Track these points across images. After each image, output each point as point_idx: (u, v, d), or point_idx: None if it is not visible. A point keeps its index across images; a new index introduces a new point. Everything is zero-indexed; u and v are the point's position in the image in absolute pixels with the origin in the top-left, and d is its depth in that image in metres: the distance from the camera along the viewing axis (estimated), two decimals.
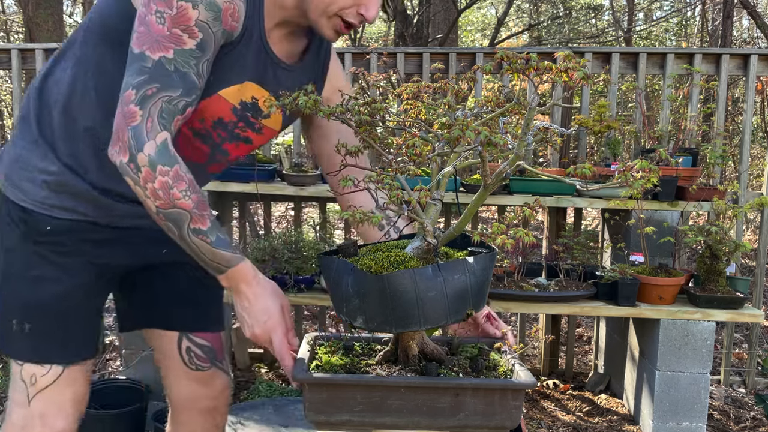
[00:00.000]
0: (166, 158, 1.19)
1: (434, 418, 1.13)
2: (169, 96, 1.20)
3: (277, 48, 1.40)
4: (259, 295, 1.30)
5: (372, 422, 1.15)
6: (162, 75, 1.20)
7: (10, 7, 10.69)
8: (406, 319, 1.10)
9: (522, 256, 3.08)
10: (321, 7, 1.32)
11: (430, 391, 1.12)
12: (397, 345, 1.25)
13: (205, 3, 1.21)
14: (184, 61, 1.21)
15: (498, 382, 1.16)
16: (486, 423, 1.13)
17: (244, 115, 1.41)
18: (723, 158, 3.13)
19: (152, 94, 1.19)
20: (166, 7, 1.20)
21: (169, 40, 1.20)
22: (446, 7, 7.05)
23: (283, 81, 1.43)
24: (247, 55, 1.34)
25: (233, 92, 1.36)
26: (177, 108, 1.22)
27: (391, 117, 1.31)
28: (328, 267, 1.21)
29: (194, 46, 1.22)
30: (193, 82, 1.23)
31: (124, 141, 1.19)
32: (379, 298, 1.10)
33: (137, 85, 1.20)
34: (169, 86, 1.20)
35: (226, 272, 1.28)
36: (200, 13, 1.21)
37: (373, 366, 1.23)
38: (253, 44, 1.34)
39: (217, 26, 1.24)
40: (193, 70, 1.22)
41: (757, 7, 8.86)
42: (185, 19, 1.20)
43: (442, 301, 1.10)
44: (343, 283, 1.15)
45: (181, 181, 1.20)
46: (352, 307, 1.14)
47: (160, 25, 1.20)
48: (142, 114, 1.18)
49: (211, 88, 1.33)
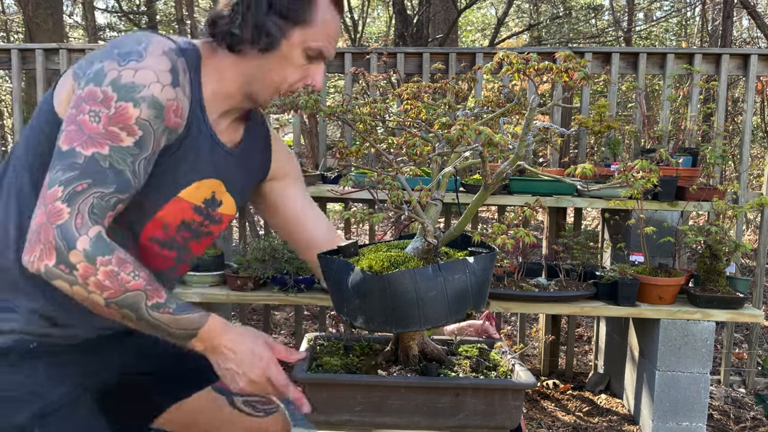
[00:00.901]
0: (104, 248, 1.12)
1: (434, 418, 1.13)
2: (101, 192, 1.13)
3: (225, 137, 1.37)
4: (239, 342, 1.23)
5: (372, 422, 1.15)
6: (95, 171, 1.12)
7: (10, 7, 10.69)
8: (406, 319, 1.10)
9: (522, 256, 3.08)
10: (272, 88, 1.31)
11: (430, 391, 1.12)
12: (398, 345, 1.25)
13: (147, 101, 1.16)
14: (120, 158, 1.15)
15: (498, 382, 1.16)
16: (486, 423, 1.14)
17: (206, 212, 1.37)
18: (723, 158, 3.13)
19: (82, 190, 1.12)
20: (102, 107, 1.14)
21: (105, 137, 1.14)
22: (446, 7, 7.05)
23: (233, 167, 1.40)
24: (198, 151, 1.30)
25: (193, 191, 1.32)
26: (109, 204, 1.15)
27: (391, 117, 1.31)
28: (329, 267, 1.21)
29: (132, 143, 1.16)
30: (128, 181, 1.16)
31: (49, 242, 1.10)
32: (380, 298, 1.10)
33: (66, 181, 1.11)
34: (102, 182, 1.13)
35: (198, 334, 1.21)
36: (142, 112, 1.16)
37: (373, 366, 1.23)
38: (203, 139, 1.30)
39: (158, 124, 1.18)
40: (129, 168, 1.16)
41: (757, 7, 8.86)
42: (125, 117, 1.15)
43: (442, 301, 1.10)
44: (344, 283, 1.15)
45: (125, 264, 1.14)
46: (353, 307, 1.14)
47: (95, 124, 1.14)
48: (71, 211, 1.10)
49: (169, 192, 1.29)
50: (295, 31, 1.28)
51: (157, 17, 10.15)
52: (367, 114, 1.22)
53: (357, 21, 8.73)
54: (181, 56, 1.24)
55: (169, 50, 1.22)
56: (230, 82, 1.32)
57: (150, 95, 1.16)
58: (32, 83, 5.33)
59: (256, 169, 1.50)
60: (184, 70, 1.23)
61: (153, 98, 1.17)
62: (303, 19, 1.28)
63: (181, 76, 1.22)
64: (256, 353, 1.22)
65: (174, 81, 1.20)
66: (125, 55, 1.18)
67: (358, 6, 9.86)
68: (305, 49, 1.30)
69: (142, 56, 1.18)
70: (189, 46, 1.29)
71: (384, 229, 6.32)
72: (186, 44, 1.29)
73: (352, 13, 8.69)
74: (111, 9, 11.54)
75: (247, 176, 1.47)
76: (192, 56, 1.28)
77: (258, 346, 1.24)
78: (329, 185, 3.27)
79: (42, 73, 3.69)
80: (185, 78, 1.24)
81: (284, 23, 1.27)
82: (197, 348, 1.24)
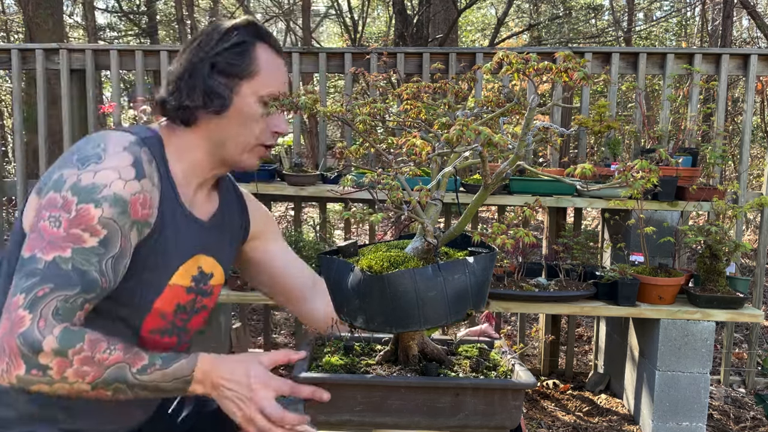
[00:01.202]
0: (73, 338, 1.10)
1: (434, 418, 1.13)
2: (66, 295, 1.11)
3: (202, 210, 1.37)
4: (234, 368, 1.20)
5: (372, 422, 1.15)
6: (56, 275, 1.11)
7: (10, 7, 10.69)
8: (406, 319, 1.10)
9: (522, 256, 3.08)
10: (240, 147, 1.32)
11: (430, 391, 1.12)
12: (398, 345, 1.25)
13: (109, 200, 1.15)
14: (83, 259, 1.13)
15: (498, 382, 1.16)
16: (486, 423, 1.13)
17: (199, 288, 1.37)
18: (723, 158, 3.13)
19: (44, 294, 1.10)
20: (62, 211, 1.14)
21: (66, 240, 1.13)
22: (446, 7, 7.05)
23: (215, 238, 1.40)
24: (177, 235, 1.29)
25: (182, 274, 1.32)
26: (76, 305, 1.12)
27: (391, 117, 1.31)
28: (329, 267, 1.21)
29: (96, 243, 1.14)
30: (94, 280, 1.14)
31: (13, 352, 1.08)
32: (380, 298, 1.10)
33: (27, 288, 1.10)
34: (64, 286, 1.11)
35: (194, 375, 1.19)
36: (104, 211, 1.15)
37: (373, 366, 1.23)
38: (180, 221, 1.30)
39: (124, 220, 1.17)
40: (95, 267, 1.14)
41: (757, 7, 8.86)
42: (86, 219, 1.14)
43: (442, 301, 1.10)
44: (344, 284, 1.15)
45: (98, 344, 1.12)
46: (353, 307, 1.14)
47: (55, 228, 1.13)
48: (32, 317, 1.08)
49: (160, 282, 1.28)
50: (242, 85, 1.29)
51: (157, 17, 10.15)
52: (366, 114, 1.22)
53: (357, 21, 8.73)
54: (143, 146, 1.24)
55: (129, 144, 1.22)
56: (197, 156, 1.33)
57: (111, 193, 1.16)
58: (32, 83, 5.33)
59: (237, 232, 1.50)
60: (149, 160, 1.23)
61: (115, 196, 1.16)
62: (247, 71, 1.29)
63: (146, 166, 1.21)
64: (250, 372, 1.19)
65: (138, 174, 1.20)
66: (84, 159, 1.18)
67: (358, 6, 9.86)
68: (259, 98, 1.30)
69: (101, 158, 1.18)
70: (150, 134, 1.29)
71: (384, 229, 6.32)
72: (146, 132, 1.29)
73: (352, 13, 8.69)
74: (111, 9, 11.55)
75: (230, 241, 1.47)
76: (154, 143, 1.28)
77: (252, 364, 1.21)
78: (329, 185, 3.27)
79: (42, 73, 3.69)
80: (151, 167, 1.23)
81: (230, 80, 1.29)
82: (198, 392, 1.22)
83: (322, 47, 4.13)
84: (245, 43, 1.31)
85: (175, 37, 10.35)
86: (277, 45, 1.35)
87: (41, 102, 3.72)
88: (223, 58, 1.29)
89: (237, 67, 1.29)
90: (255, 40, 1.32)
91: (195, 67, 1.29)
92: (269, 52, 1.33)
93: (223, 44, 1.30)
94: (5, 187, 3.90)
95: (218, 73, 1.29)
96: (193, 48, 1.31)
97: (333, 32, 15.52)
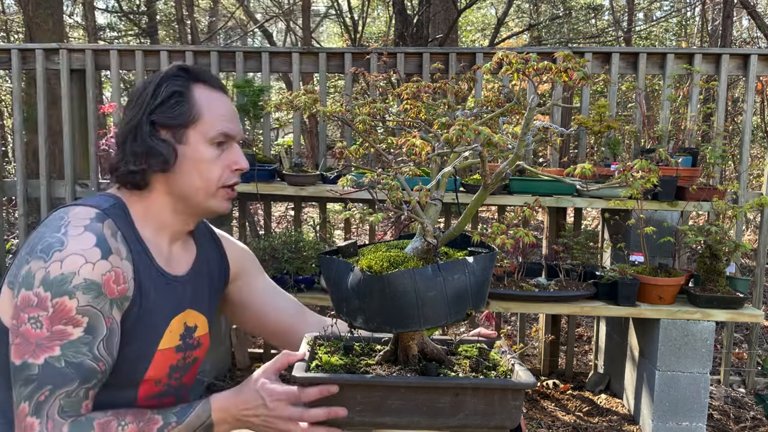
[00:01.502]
0: (84, 429, 1.14)
1: (434, 418, 1.13)
2: (66, 391, 1.14)
3: (180, 264, 1.37)
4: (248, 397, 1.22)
5: (372, 422, 1.15)
6: (52, 375, 1.13)
7: (10, 7, 10.69)
8: (405, 319, 1.10)
9: (522, 256, 3.08)
10: (203, 193, 1.30)
11: (430, 391, 1.12)
12: (397, 345, 1.25)
13: (81, 287, 1.15)
14: (74, 352, 1.15)
15: (498, 382, 1.16)
16: (486, 423, 1.13)
17: (186, 344, 1.37)
18: (723, 158, 3.13)
19: (45, 398, 1.13)
20: (40, 310, 1.14)
21: (52, 338, 1.14)
22: (446, 7, 7.05)
23: (196, 289, 1.39)
24: (157, 299, 1.29)
25: (169, 336, 1.32)
26: (79, 396, 1.16)
27: (391, 117, 1.31)
28: (329, 267, 1.21)
29: (82, 333, 1.15)
30: (90, 369, 1.16)
31: None
32: (379, 298, 1.10)
33: (28, 395, 1.13)
34: (63, 383, 1.14)
35: (213, 420, 1.22)
36: (79, 300, 1.15)
37: (373, 366, 1.23)
38: (160, 285, 1.29)
39: (101, 302, 1.17)
40: (88, 356, 1.16)
41: (757, 7, 8.86)
42: (65, 312, 1.14)
43: (442, 301, 1.09)
44: (344, 284, 1.15)
45: (109, 425, 1.15)
46: (352, 308, 1.14)
47: (38, 330, 1.14)
48: (41, 421, 1.13)
49: (149, 351, 1.28)
50: (188, 133, 1.28)
51: (157, 17, 10.14)
52: (366, 114, 1.22)
53: (357, 21, 8.73)
54: (106, 218, 1.23)
55: (90, 221, 1.21)
56: (164, 215, 1.32)
57: (82, 280, 1.15)
58: (32, 83, 5.33)
59: (217, 277, 1.49)
60: (113, 234, 1.22)
61: (86, 282, 1.16)
62: (189, 118, 1.27)
63: (111, 242, 1.21)
64: (261, 393, 1.21)
65: (104, 252, 1.19)
66: (47, 249, 1.17)
67: (358, 6, 9.86)
68: (209, 141, 1.29)
69: (63, 244, 1.17)
70: (112, 201, 1.28)
71: (384, 229, 6.33)
72: (108, 201, 1.28)
73: (352, 13, 8.68)
74: (111, 9, 11.54)
75: (211, 287, 1.46)
76: (118, 212, 1.27)
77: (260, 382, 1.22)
78: (329, 185, 3.27)
79: (42, 73, 3.69)
80: (117, 241, 1.22)
81: (175, 132, 1.27)
82: (225, 431, 1.25)
83: (322, 47, 4.13)
84: (179, 92, 1.28)
85: (175, 37, 10.35)
86: (213, 80, 1.33)
87: (41, 102, 3.72)
88: (161, 112, 1.27)
89: (178, 117, 1.27)
90: (189, 84, 1.29)
91: (135, 129, 1.27)
92: (207, 91, 1.31)
93: (157, 99, 1.27)
94: (5, 187, 3.90)
95: (161, 130, 1.27)
96: (130, 108, 1.29)
97: (333, 32, 15.52)
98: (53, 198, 3.78)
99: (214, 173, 1.30)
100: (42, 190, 3.76)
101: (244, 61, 3.64)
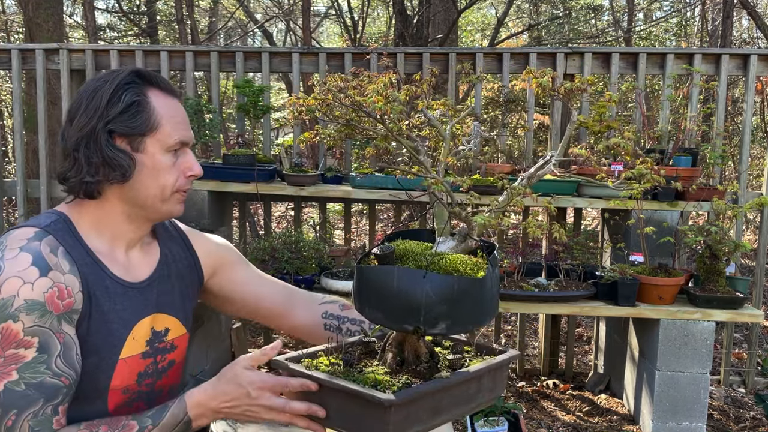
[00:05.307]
0: None
1: (467, 404, 1.21)
2: (32, 412, 1.14)
3: (142, 269, 1.35)
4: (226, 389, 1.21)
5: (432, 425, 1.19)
6: (14, 399, 1.13)
7: (10, 7, 10.69)
8: (484, 317, 1.17)
9: (522, 256, 3.08)
10: (158, 199, 1.28)
11: (462, 384, 1.17)
12: (400, 346, 1.24)
13: (23, 309, 1.14)
14: (31, 373, 1.14)
15: (502, 359, 1.23)
16: (491, 396, 1.25)
17: (156, 348, 1.35)
18: (723, 158, 3.13)
19: (13, 423, 1.13)
20: None
21: (7, 364, 1.13)
22: (446, 7, 7.05)
23: (161, 292, 1.37)
24: (113, 307, 1.26)
25: (132, 344, 1.29)
26: (47, 414, 1.15)
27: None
28: (386, 277, 1.14)
29: (35, 353, 1.14)
30: (52, 386, 1.15)
31: None
32: (471, 302, 1.13)
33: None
34: (27, 405, 1.14)
35: (190, 417, 1.21)
36: (24, 322, 1.14)
37: (388, 373, 1.23)
38: (116, 294, 1.27)
39: (48, 319, 1.16)
40: (48, 373, 1.15)
41: (757, 7, 8.86)
42: (12, 336, 1.14)
43: (496, 297, 1.19)
44: (418, 292, 1.11)
45: None
46: (434, 315, 1.11)
47: None
48: None
49: (110, 361, 1.26)
50: (146, 141, 1.25)
51: (157, 17, 10.14)
52: (347, 104, 1.21)
53: (357, 21, 8.73)
54: (46, 236, 1.21)
55: (27, 241, 1.19)
56: (117, 223, 1.29)
57: (23, 302, 1.14)
58: (32, 83, 5.32)
59: (187, 274, 1.45)
60: (52, 250, 1.20)
61: (27, 302, 1.14)
62: (148, 127, 1.25)
63: (49, 258, 1.18)
64: (240, 379, 1.20)
65: (42, 270, 1.16)
66: None
67: (358, 6, 9.86)
68: (166, 149, 1.27)
69: (0, 269, 1.15)
70: (54, 218, 1.25)
71: (384, 229, 6.32)
72: (50, 218, 1.25)
73: (352, 13, 8.69)
74: (111, 9, 11.54)
75: (181, 286, 1.43)
76: (59, 227, 1.24)
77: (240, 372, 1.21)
78: (329, 185, 3.28)
79: (42, 73, 3.69)
80: (58, 256, 1.20)
81: (132, 141, 1.24)
82: (206, 423, 1.24)
83: (322, 47, 4.13)
84: (138, 101, 1.25)
85: (175, 38, 10.35)
86: (166, 85, 1.30)
87: (41, 102, 3.72)
88: (120, 121, 1.23)
89: (137, 127, 1.24)
90: (145, 91, 1.26)
91: (90, 137, 1.23)
92: (162, 97, 1.28)
93: (115, 107, 1.23)
94: (5, 187, 3.90)
95: (118, 138, 1.24)
96: (81, 113, 1.24)
97: (333, 32, 15.52)
98: (53, 198, 3.78)
99: (170, 180, 1.28)
100: (42, 190, 3.76)
101: (244, 61, 3.65)
